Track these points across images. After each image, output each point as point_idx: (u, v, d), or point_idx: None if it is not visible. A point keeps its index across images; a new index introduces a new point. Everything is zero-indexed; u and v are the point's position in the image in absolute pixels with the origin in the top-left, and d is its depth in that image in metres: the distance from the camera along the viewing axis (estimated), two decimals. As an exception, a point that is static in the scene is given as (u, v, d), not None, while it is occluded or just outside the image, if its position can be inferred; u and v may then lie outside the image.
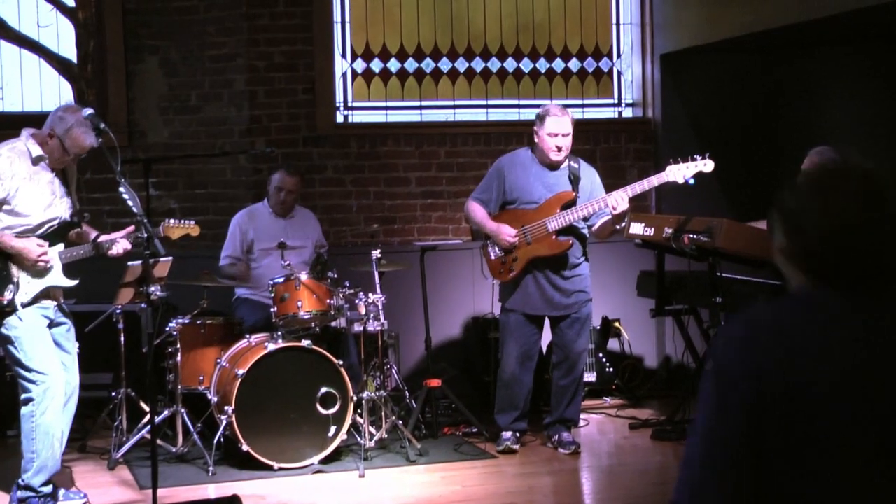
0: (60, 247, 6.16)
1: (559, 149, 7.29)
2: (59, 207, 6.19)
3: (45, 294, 6.13)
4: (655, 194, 9.59)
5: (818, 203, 2.28)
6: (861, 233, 2.25)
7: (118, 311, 7.33)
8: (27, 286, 6.04)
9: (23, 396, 6.09)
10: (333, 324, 7.63)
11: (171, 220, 6.75)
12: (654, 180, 7.22)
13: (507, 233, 7.31)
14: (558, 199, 7.31)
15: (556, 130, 7.27)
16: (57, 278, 6.16)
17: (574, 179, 7.37)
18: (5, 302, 5.98)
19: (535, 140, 7.38)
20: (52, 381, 6.03)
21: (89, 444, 7.58)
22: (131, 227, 6.20)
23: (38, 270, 6.06)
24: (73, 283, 6.23)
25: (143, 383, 7.22)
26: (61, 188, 6.23)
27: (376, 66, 9.47)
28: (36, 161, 6.06)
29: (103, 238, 6.26)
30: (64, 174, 6.28)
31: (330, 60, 9.26)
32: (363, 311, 7.38)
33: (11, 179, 5.97)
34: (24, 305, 6.04)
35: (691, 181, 7.14)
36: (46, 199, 6.11)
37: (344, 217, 9.22)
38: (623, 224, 7.32)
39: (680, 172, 7.14)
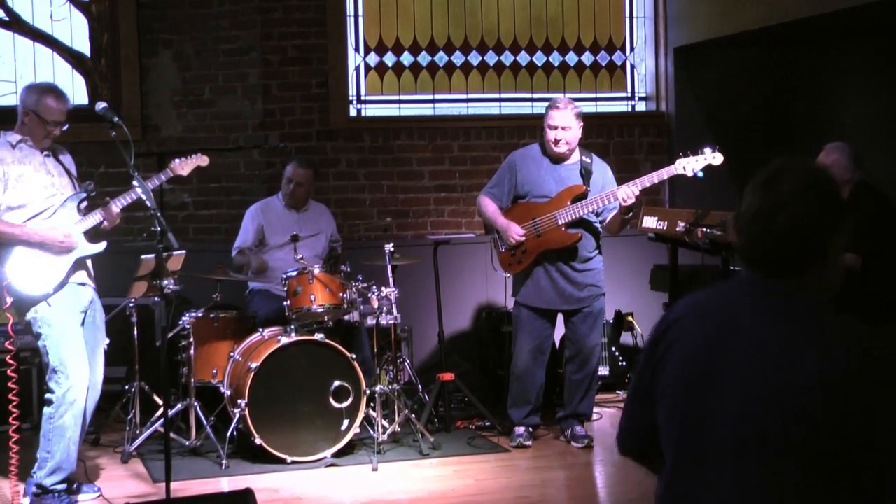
0: (76, 218, 6.19)
1: (557, 142, 7.27)
2: (60, 184, 6.24)
3: (77, 268, 6.18)
4: (669, 188, 9.58)
5: (750, 192, 2.57)
6: (756, 220, 2.53)
7: (132, 305, 7.36)
8: (56, 267, 6.09)
9: (46, 396, 6.13)
10: (346, 317, 7.65)
11: (178, 160, 6.75)
12: (664, 173, 7.22)
13: (516, 231, 7.30)
14: (569, 193, 7.30)
15: (555, 123, 7.26)
16: (83, 249, 6.21)
17: (585, 174, 7.36)
18: (36, 287, 6.01)
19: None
20: (75, 385, 6.06)
21: (103, 438, 7.61)
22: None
23: (64, 249, 6.11)
24: (100, 247, 6.30)
25: (157, 377, 7.24)
26: (57, 167, 6.27)
27: (389, 59, 9.47)
28: (16, 144, 6.14)
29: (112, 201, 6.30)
30: (59, 161, 6.31)
31: (343, 54, 9.26)
32: (376, 304, 7.39)
33: (1, 165, 6.04)
34: (56, 289, 6.08)
35: (700, 174, 7.14)
36: (43, 178, 6.16)
37: (357, 211, 9.23)
38: (630, 215, 7.31)
39: (689, 165, 7.14)
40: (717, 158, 7.13)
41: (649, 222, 7.71)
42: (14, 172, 6.06)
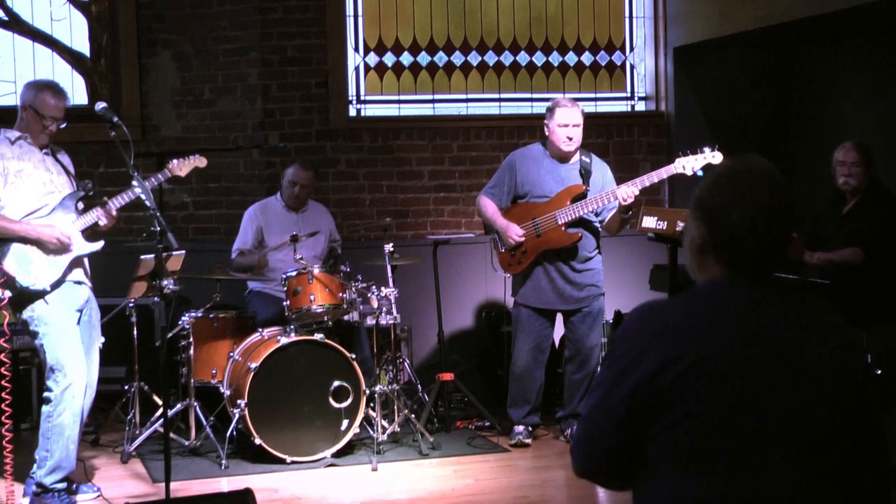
0: (73, 216, 6.19)
1: (570, 139, 7.30)
2: (59, 182, 6.24)
3: (75, 266, 6.17)
4: (668, 188, 9.58)
5: (738, 197, 2.58)
6: (759, 226, 2.56)
7: (131, 305, 7.36)
8: (53, 264, 6.08)
9: (44, 394, 6.12)
10: (346, 317, 7.65)
11: (175, 160, 6.74)
12: (663, 172, 7.23)
13: (515, 232, 7.31)
14: (568, 193, 7.31)
15: (567, 121, 7.28)
16: (80, 248, 6.21)
17: (585, 173, 7.37)
18: (32, 283, 6.00)
19: (546, 133, 7.39)
20: (73, 382, 6.05)
21: (102, 438, 7.61)
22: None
23: (60, 247, 6.10)
24: (97, 246, 6.29)
25: (156, 377, 7.24)
26: (56, 165, 6.28)
27: (389, 59, 9.46)
28: (15, 141, 6.13)
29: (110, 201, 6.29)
30: (58, 160, 6.32)
31: (343, 54, 9.26)
32: (376, 304, 7.39)
33: (1, 160, 6.04)
34: (53, 286, 6.07)
35: (700, 173, 7.15)
36: (42, 175, 6.16)
37: (357, 211, 9.22)
38: (629, 214, 7.32)
39: (689, 164, 7.15)
40: (716, 157, 7.14)
41: (649, 222, 7.70)
42: (13, 168, 6.06)
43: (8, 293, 6.01)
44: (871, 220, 7.20)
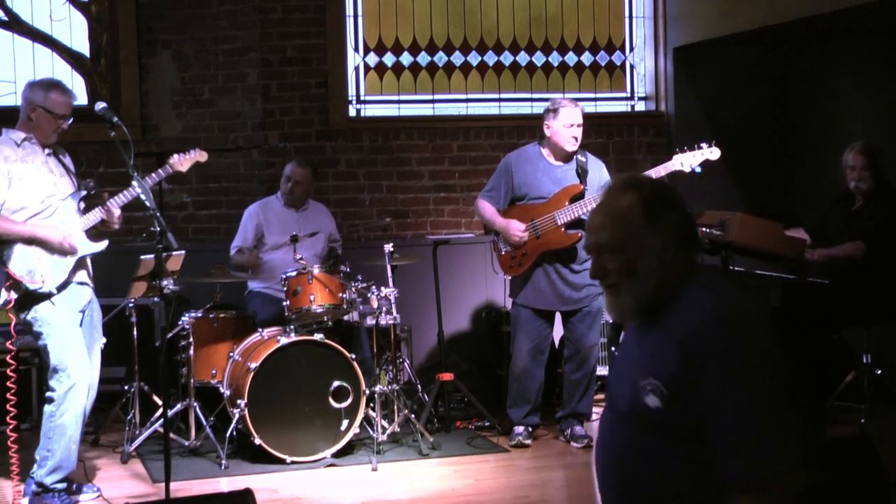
0: (76, 217, 6.19)
1: (576, 139, 7.31)
2: (61, 183, 6.23)
3: (79, 267, 6.18)
4: (668, 188, 9.57)
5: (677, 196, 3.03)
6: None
7: (131, 305, 7.36)
8: (59, 266, 6.07)
9: (47, 394, 6.12)
10: (346, 318, 7.65)
11: (176, 156, 6.74)
12: (661, 170, 7.22)
13: (517, 229, 7.30)
14: (566, 193, 7.30)
15: (573, 121, 7.28)
16: (85, 248, 6.20)
17: (582, 173, 7.36)
18: (39, 286, 6.00)
19: (547, 134, 7.38)
20: (77, 383, 6.05)
21: (102, 438, 7.61)
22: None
23: (64, 249, 6.11)
24: (102, 246, 6.29)
25: (156, 377, 7.24)
26: (58, 167, 6.27)
27: (389, 59, 9.47)
28: (21, 143, 6.12)
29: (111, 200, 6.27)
30: (60, 161, 6.31)
31: (343, 54, 9.26)
32: (376, 304, 7.38)
33: (5, 162, 6.02)
34: (59, 288, 6.07)
35: (698, 169, 7.16)
36: (45, 177, 6.15)
37: (356, 211, 9.23)
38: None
39: (686, 161, 7.16)
40: (714, 153, 7.14)
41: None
42: (17, 170, 6.05)
43: (14, 295, 6.01)
44: (876, 219, 7.22)
